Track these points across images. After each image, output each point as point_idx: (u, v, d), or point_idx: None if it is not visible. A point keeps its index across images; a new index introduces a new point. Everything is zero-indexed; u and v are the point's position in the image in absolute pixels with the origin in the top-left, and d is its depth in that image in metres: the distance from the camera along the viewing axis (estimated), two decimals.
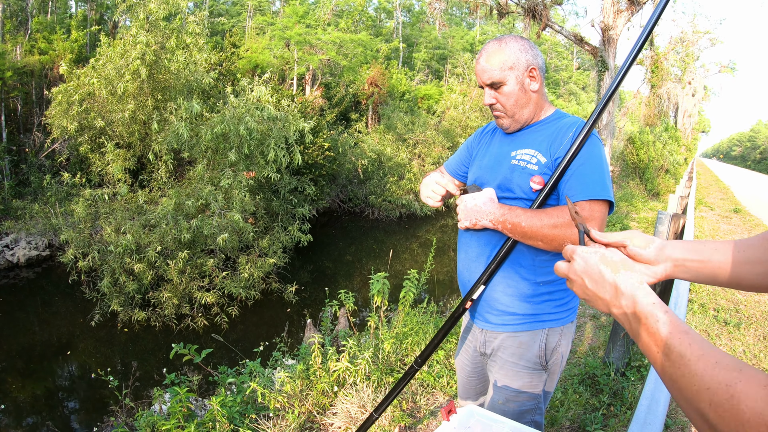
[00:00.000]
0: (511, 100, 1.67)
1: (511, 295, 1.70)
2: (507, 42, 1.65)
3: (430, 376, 3.55)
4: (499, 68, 1.63)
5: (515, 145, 1.73)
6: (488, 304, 1.75)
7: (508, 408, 1.73)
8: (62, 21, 18.52)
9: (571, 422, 3.04)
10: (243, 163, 10.13)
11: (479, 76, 1.69)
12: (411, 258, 14.61)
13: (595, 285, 0.83)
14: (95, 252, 9.19)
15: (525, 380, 1.72)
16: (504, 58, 1.63)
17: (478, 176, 1.81)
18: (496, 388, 1.76)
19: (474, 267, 1.77)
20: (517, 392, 1.72)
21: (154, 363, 7.81)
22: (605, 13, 11.81)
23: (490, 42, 1.69)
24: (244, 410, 3.10)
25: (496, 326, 1.75)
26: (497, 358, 1.77)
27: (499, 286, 1.71)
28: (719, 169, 43.58)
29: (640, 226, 11.12)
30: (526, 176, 1.62)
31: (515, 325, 1.71)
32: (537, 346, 1.70)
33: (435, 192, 1.80)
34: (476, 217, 1.64)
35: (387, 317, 4.31)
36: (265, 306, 10.04)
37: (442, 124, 23.20)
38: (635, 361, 3.69)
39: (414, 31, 35.71)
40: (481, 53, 1.68)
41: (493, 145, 1.84)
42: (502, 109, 1.70)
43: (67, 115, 11.51)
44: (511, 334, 1.72)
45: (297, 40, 20.16)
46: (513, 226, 1.53)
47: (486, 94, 1.70)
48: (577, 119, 1.67)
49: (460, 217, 1.70)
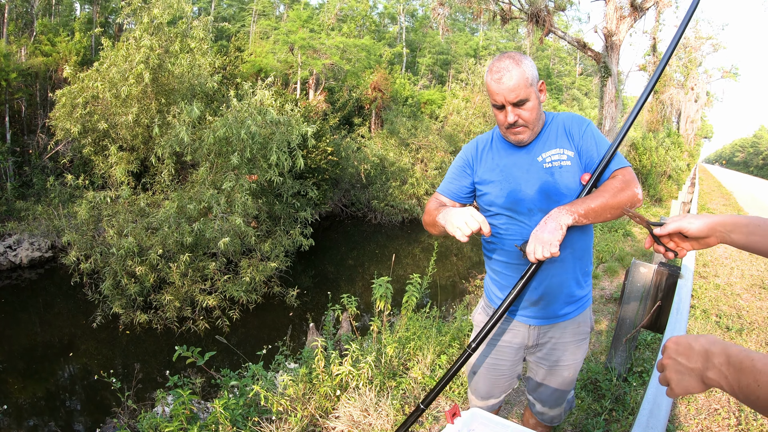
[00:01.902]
0: (534, 114, 1.73)
1: (570, 287, 1.88)
2: (521, 59, 1.68)
3: (433, 381, 3.55)
4: (524, 86, 1.67)
5: (535, 150, 1.80)
6: (545, 303, 1.89)
7: (571, 378, 2.03)
8: (66, 23, 18.59)
9: (573, 427, 3.04)
10: (245, 166, 10.16)
11: (502, 96, 1.68)
12: (413, 263, 14.61)
13: (687, 359, 0.88)
14: (97, 254, 9.22)
15: (582, 350, 2.02)
16: (526, 75, 1.67)
17: (510, 191, 1.80)
18: (567, 366, 2.00)
19: (549, 281, 1.85)
20: (579, 362, 2.03)
21: (156, 365, 7.82)
22: (608, 19, 11.83)
23: (501, 62, 1.69)
24: (247, 413, 3.11)
25: (557, 319, 1.93)
26: (557, 343, 1.97)
27: (557, 284, 1.85)
28: (722, 175, 43.52)
29: (642, 232, 11.10)
30: (568, 174, 1.75)
31: (575, 311, 1.94)
32: (588, 320, 2.01)
33: (468, 225, 1.61)
34: (557, 236, 1.55)
35: (389, 321, 4.32)
36: (266, 310, 10.04)
37: (445, 129, 23.23)
38: (637, 366, 3.69)
39: (417, 36, 35.79)
40: (499, 73, 1.67)
41: (503, 158, 1.86)
42: (524, 124, 1.74)
43: (70, 117, 11.55)
44: (572, 320, 1.95)
45: (301, 44, 20.24)
46: (586, 211, 1.61)
47: (509, 113, 1.71)
48: (567, 113, 1.87)
49: (540, 253, 1.55)
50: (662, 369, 0.95)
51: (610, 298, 5.98)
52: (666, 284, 3.21)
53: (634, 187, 1.64)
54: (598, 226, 10.57)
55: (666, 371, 0.93)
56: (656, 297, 3.25)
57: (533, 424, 2.24)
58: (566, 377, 2.02)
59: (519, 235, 1.80)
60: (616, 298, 5.82)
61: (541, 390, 2.09)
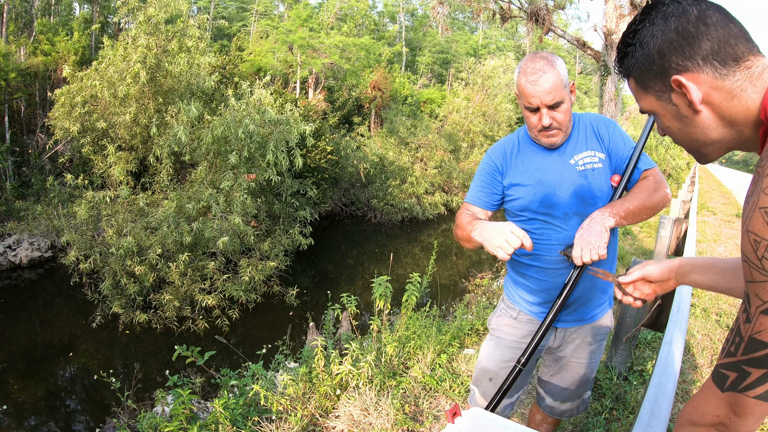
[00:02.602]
0: (567, 116, 1.71)
1: (597, 289, 1.90)
2: (554, 60, 1.65)
3: (433, 380, 3.55)
4: (560, 87, 1.63)
5: (567, 153, 1.79)
6: (577, 306, 1.90)
7: (587, 376, 2.06)
8: (66, 23, 18.56)
9: (573, 426, 3.03)
10: (244, 165, 10.14)
11: (538, 98, 1.63)
12: (413, 262, 14.61)
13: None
14: (97, 254, 9.21)
15: (601, 350, 2.05)
16: (561, 76, 1.64)
17: (544, 195, 1.78)
18: (586, 365, 2.03)
19: (582, 284, 1.85)
20: (596, 362, 2.06)
21: (155, 365, 7.81)
22: (608, 18, 11.82)
23: (536, 62, 1.64)
24: (247, 413, 3.10)
25: (584, 321, 1.95)
26: (580, 344, 1.99)
27: (591, 287, 1.87)
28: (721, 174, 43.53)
29: (643, 231, 11.11)
30: (600, 176, 1.76)
31: (601, 312, 1.97)
32: (610, 321, 2.04)
33: (510, 243, 1.53)
34: (603, 239, 1.55)
35: (389, 321, 4.31)
36: (266, 309, 10.04)
37: (445, 128, 23.21)
38: (637, 365, 3.69)
39: (417, 36, 35.76)
40: (535, 74, 1.62)
41: (534, 162, 1.82)
42: (558, 127, 1.71)
43: (70, 116, 11.54)
44: (597, 321, 1.98)
45: (300, 43, 20.22)
46: (626, 213, 1.63)
47: (544, 115, 1.67)
48: (591, 113, 1.86)
49: (587, 256, 1.54)
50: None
51: None
52: None
53: (665, 187, 1.69)
54: None
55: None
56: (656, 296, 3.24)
57: (539, 419, 2.22)
58: (582, 374, 2.04)
59: (555, 240, 1.79)
60: (616, 297, 5.81)
61: (554, 384, 2.10)
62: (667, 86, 0.89)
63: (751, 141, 0.87)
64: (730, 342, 0.80)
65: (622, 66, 0.96)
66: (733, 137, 0.89)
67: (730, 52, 0.83)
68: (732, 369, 0.78)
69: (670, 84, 0.88)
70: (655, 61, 0.88)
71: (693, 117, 0.89)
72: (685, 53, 0.85)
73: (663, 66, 0.88)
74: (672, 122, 0.95)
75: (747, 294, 0.77)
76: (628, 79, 0.97)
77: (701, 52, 0.84)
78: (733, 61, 0.84)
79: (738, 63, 0.84)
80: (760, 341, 0.74)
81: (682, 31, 0.85)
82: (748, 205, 0.77)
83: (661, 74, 0.89)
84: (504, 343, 2.03)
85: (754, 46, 0.86)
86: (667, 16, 0.87)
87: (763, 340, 0.74)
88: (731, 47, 0.83)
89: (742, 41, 0.84)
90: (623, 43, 0.94)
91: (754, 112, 0.84)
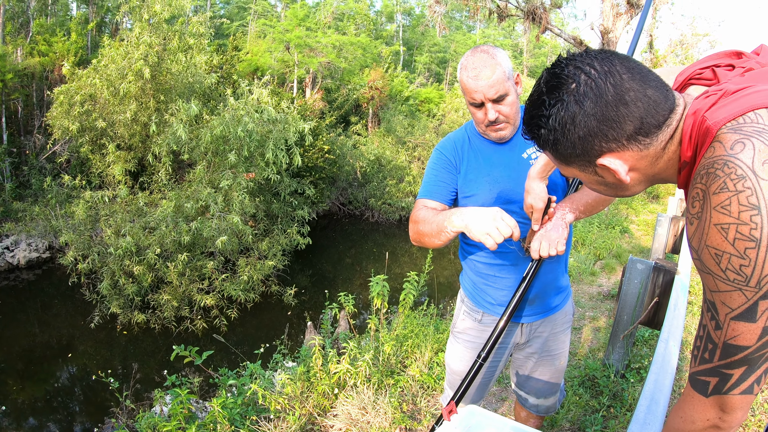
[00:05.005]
0: (514, 108, 1.67)
1: (558, 279, 1.92)
2: (495, 52, 1.62)
3: (431, 378, 3.56)
4: (503, 80, 1.60)
5: (518, 146, 1.77)
6: (539, 299, 1.90)
7: (563, 366, 2.06)
8: (63, 23, 18.51)
9: (571, 424, 3.04)
10: (242, 165, 10.14)
11: (481, 93, 1.60)
12: (410, 261, 14.62)
13: None
14: (95, 254, 9.20)
15: (569, 336, 2.06)
16: (503, 69, 1.60)
17: (500, 191, 1.76)
18: (559, 355, 2.03)
19: (544, 277, 1.86)
20: (567, 350, 2.06)
21: (154, 365, 7.81)
22: (605, 16, 11.84)
23: (476, 57, 1.61)
24: (245, 412, 3.11)
25: (548, 313, 1.94)
26: (549, 336, 1.98)
27: (552, 279, 1.89)
28: None
29: (639, 229, 11.13)
30: (555, 170, 1.71)
31: (563, 301, 1.98)
32: (572, 308, 2.06)
33: (500, 231, 1.40)
34: (563, 234, 1.59)
35: (387, 319, 4.32)
36: (264, 309, 10.04)
37: (442, 127, 23.21)
38: (635, 363, 3.70)
39: (415, 35, 35.73)
40: (476, 69, 1.59)
41: (486, 156, 1.80)
42: (505, 120, 1.68)
43: (68, 115, 11.50)
44: (561, 311, 1.98)
45: (297, 42, 20.18)
46: (585, 207, 1.65)
47: (489, 109, 1.64)
48: None
49: (546, 251, 1.57)
50: None
51: (607, 294, 5.98)
52: (663, 281, 3.22)
53: None
54: (595, 223, 10.60)
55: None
56: (653, 293, 3.26)
57: (524, 416, 2.22)
58: (558, 366, 2.05)
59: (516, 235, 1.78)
60: (613, 295, 5.83)
61: (534, 383, 2.06)
62: (592, 163, 0.88)
63: (672, 177, 0.91)
64: (701, 349, 0.82)
65: (536, 142, 0.92)
66: (657, 182, 0.94)
67: (653, 122, 0.82)
68: (711, 374, 0.81)
69: (594, 163, 0.87)
70: (577, 146, 0.85)
71: (620, 183, 0.90)
72: (608, 137, 0.83)
73: (585, 149, 0.85)
74: (598, 186, 0.96)
75: (711, 303, 0.79)
76: (544, 152, 0.94)
77: (624, 135, 0.82)
78: (656, 128, 0.83)
79: (660, 127, 0.83)
80: (735, 345, 0.77)
81: (602, 117, 0.81)
82: (700, 222, 0.76)
83: (584, 155, 0.87)
84: (472, 345, 1.98)
85: (670, 93, 0.84)
86: (581, 98, 0.82)
87: (738, 344, 0.76)
88: (653, 117, 0.82)
89: (662, 102, 0.82)
90: (532, 118, 0.89)
91: (676, 161, 0.87)
